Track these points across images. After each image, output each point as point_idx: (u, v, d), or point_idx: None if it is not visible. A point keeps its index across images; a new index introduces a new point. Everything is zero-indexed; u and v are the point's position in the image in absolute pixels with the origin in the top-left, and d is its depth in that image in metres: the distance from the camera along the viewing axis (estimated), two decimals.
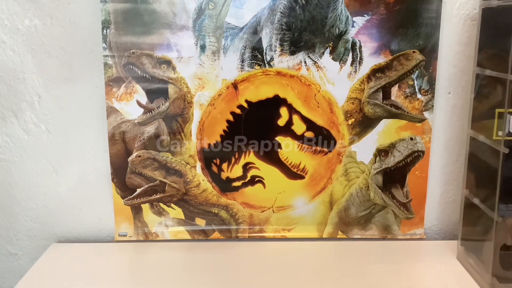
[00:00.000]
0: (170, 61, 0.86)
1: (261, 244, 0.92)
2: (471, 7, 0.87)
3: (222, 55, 0.86)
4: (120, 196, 0.91)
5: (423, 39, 0.87)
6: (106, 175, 0.90)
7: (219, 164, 0.90)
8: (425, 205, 0.94)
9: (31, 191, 0.92)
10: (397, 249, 0.89)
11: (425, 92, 0.89)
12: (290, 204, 0.92)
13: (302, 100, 0.88)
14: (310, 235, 0.93)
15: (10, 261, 0.95)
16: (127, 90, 0.87)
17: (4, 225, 0.93)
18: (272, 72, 0.87)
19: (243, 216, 0.92)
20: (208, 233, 0.93)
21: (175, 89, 0.87)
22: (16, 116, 0.89)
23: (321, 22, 0.85)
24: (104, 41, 0.85)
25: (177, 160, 0.89)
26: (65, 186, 0.92)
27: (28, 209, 0.92)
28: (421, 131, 0.90)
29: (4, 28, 0.85)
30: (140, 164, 0.89)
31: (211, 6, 0.84)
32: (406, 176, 0.92)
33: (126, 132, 0.88)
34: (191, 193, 0.91)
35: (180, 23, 0.85)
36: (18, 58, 0.86)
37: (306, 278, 0.80)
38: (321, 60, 0.87)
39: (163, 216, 0.92)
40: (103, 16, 0.84)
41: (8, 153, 0.90)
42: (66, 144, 0.90)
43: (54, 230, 0.93)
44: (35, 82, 0.87)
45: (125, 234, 0.92)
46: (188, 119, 0.88)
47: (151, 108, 0.88)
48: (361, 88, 0.88)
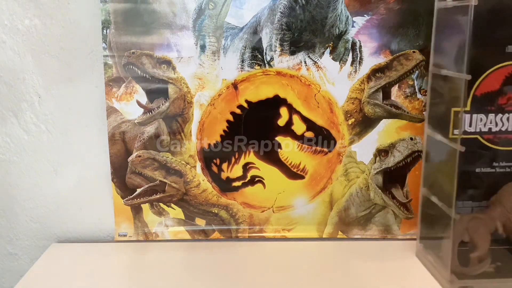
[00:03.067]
0: (170, 61, 0.86)
1: (261, 244, 0.92)
2: None
3: (222, 55, 0.86)
4: (120, 196, 0.91)
5: (423, 39, 0.87)
6: (106, 175, 0.90)
7: (219, 164, 0.90)
8: None
9: (31, 191, 0.92)
10: (397, 249, 0.89)
11: (425, 92, 0.89)
12: (290, 204, 0.92)
13: (302, 100, 0.88)
14: (310, 235, 0.93)
15: (10, 261, 0.95)
16: (127, 90, 0.87)
17: (4, 225, 0.93)
18: (272, 72, 0.87)
19: (243, 216, 0.92)
20: (208, 233, 0.93)
21: (175, 89, 0.87)
22: (16, 116, 0.89)
23: (321, 22, 0.85)
24: (104, 41, 0.85)
25: (177, 160, 0.89)
26: (65, 186, 0.92)
27: (28, 209, 0.92)
28: (421, 131, 0.90)
29: (4, 28, 0.85)
30: (140, 164, 0.89)
31: (211, 6, 0.84)
32: (406, 176, 0.92)
33: (126, 132, 0.88)
34: (191, 193, 0.91)
35: (180, 23, 0.85)
36: (18, 58, 0.86)
37: (306, 278, 0.80)
38: (321, 60, 0.87)
39: (163, 216, 0.92)
40: (103, 16, 0.84)
41: (8, 153, 0.90)
42: (66, 144, 0.90)
43: (54, 230, 0.93)
44: (35, 82, 0.87)
45: (125, 234, 0.92)
46: (188, 119, 0.88)
47: (151, 108, 0.88)
48: (361, 88, 0.88)
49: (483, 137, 0.81)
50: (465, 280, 0.75)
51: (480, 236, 0.76)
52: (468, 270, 0.76)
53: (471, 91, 0.79)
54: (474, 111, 0.80)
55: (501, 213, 0.77)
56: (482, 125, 0.80)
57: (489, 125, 0.81)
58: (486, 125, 0.80)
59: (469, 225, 0.75)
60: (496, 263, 0.78)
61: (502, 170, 0.82)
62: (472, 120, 0.80)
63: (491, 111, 0.80)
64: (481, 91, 0.79)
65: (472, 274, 0.76)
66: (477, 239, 0.76)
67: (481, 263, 0.76)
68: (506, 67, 0.79)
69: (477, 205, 0.83)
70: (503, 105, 0.80)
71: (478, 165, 0.82)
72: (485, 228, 0.76)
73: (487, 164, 0.82)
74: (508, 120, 0.81)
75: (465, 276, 0.76)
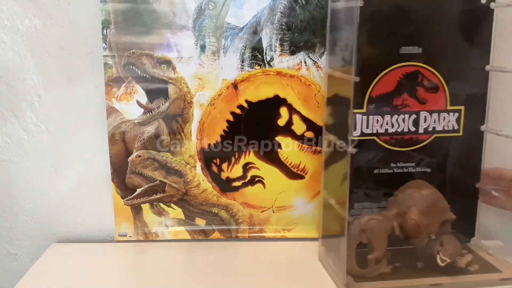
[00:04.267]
0: (170, 61, 0.86)
1: (261, 244, 0.92)
2: None
3: (222, 55, 0.86)
4: (120, 196, 0.91)
5: None
6: (106, 175, 0.90)
7: (219, 164, 0.90)
8: None
9: (31, 191, 0.92)
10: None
11: None
12: (290, 204, 0.92)
13: (302, 100, 0.88)
14: (310, 235, 0.93)
15: (10, 261, 0.95)
16: (127, 90, 0.87)
17: (4, 225, 0.93)
18: (272, 72, 0.87)
19: (243, 216, 0.92)
20: (208, 233, 0.93)
21: (175, 89, 0.87)
22: (16, 116, 0.89)
23: (321, 22, 0.85)
24: (104, 41, 0.85)
25: (177, 160, 0.89)
26: (65, 186, 0.92)
27: (28, 209, 0.92)
28: None
29: (4, 28, 0.85)
30: (140, 164, 0.89)
31: (211, 6, 0.84)
32: None
33: (126, 132, 0.88)
34: (191, 193, 0.91)
35: (180, 23, 0.85)
36: (18, 58, 0.86)
37: (306, 278, 0.80)
38: (321, 60, 0.87)
39: (163, 216, 0.92)
40: (103, 16, 0.84)
41: (8, 153, 0.90)
42: (66, 144, 0.90)
43: (54, 230, 0.93)
44: (35, 82, 0.87)
45: (125, 234, 0.92)
46: (188, 119, 0.88)
47: (151, 108, 0.88)
48: None
49: (380, 138, 0.81)
50: (362, 282, 0.75)
51: (376, 237, 0.76)
52: (365, 272, 0.76)
53: (367, 93, 0.79)
54: (370, 113, 0.80)
55: (397, 214, 0.77)
56: (379, 126, 0.81)
57: (385, 126, 0.81)
58: (382, 126, 0.81)
59: (366, 227, 0.75)
60: (394, 264, 0.78)
61: (399, 171, 0.83)
62: (368, 122, 0.80)
63: (387, 112, 0.81)
64: (377, 92, 0.80)
65: (369, 276, 0.76)
66: (374, 241, 0.76)
67: (378, 264, 0.76)
68: (400, 68, 0.79)
69: (377, 206, 0.83)
70: (398, 106, 0.81)
71: (376, 166, 0.82)
72: (382, 229, 0.76)
73: (385, 165, 0.83)
74: (404, 121, 0.81)
75: (362, 279, 0.75)
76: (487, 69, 0.81)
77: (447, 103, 0.82)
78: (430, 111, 0.81)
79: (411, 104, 0.81)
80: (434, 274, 0.76)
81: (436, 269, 0.76)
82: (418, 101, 0.81)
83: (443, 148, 0.83)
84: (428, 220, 0.76)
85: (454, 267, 0.77)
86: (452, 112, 0.82)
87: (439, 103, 0.81)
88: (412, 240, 0.78)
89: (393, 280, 0.75)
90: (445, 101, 0.82)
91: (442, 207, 0.77)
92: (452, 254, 0.76)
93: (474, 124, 0.83)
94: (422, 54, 0.79)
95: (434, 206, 0.77)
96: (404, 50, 0.78)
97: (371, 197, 0.83)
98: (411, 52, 0.78)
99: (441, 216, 0.77)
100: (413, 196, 0.77)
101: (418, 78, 0.80)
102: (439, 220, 0.77)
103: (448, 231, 0.78)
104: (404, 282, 0.75)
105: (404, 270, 0.78)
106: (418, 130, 0.82)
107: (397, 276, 0.76)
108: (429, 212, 0.76)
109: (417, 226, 0.76)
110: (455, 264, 0.77)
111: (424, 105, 0.81)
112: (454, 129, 0.83)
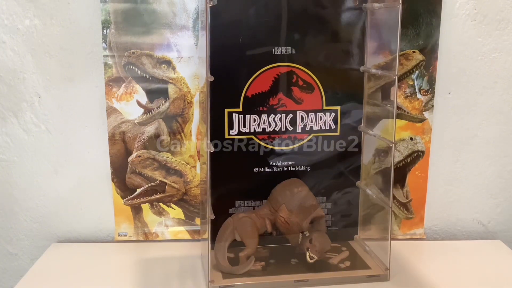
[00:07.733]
0: (170, 61, 0.86)
1: None
2: (471, 7, 0.87)
3: None
4: (120, 196, 0.91)
5: (423, 39, 0.87)
6: (106, 175, 0.90)
7: None
8: (425, 205, 0.94)
9: (31, 191, 0.92)
10: (397, 249, 0.89)
11: (425, 92, 0.89)
12: None
13: None
14: None
15: (10, 261, 0.95)
16: (127, 90, 0.87)
17: (4, 225, 0.93)
18: None
19: None
20: None
21: (175, 89, 0.87)
22: (16, 116, 0.89)
23: None
24: (104, 41, 0.85)
25: (177, 160, 0.89)
26: (65, 186, 0.92)
27: (28, 209, 0.92)
28: (421, 131, 0.90)
29: (4, 28, 0.85)
30: (140, 164, 0.89)
31: None
32: (406, 176, 0.92)
33: (126, 132, 0.88)
34: (191, 193, 0.91)
35: (180, 23, 0.85)
36: (18, 58, 0.86)
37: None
38: None
39: (163, 216, 0.92)
40: (103, 16, 0.84)
41: (8, 153, 0.90)
42: (66, 144, 0.90)
43: (54, 230, 0.93)
44: (35, 82, 0.87)
45: (125, 234, 0.92)
46: (188, 119, 0.88)
47: (151, 108, 0.88)
48: None
49: (257, 137, 0.83)
50: (229, 279, 0.75)
51: (248, 235, 0.78)
52: (234, 269, 0.77)
53: (242, 92, 0.81)
54: (247, 112, 0.81)
55: (269, 212, 0.79)
56: (256, 125, 0.82)
57: (262, 125, 0.82)
58: (260, 126, 0.82)
59: (238, 224, 0.77)
60: (270, 261, 0.80)
61: (279, 170, 0.84)
62: (246, 121, 0.82)
63: (264, 111, 0.82)
64: (252, 92, 0.81)
65: (238, 273, 0.76)
66: (246, 238, 0.78)
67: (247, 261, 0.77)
68: (274, 68, 0.81)
69: (258, 204, 0.84)
70: (275, 105, 0.82)
71: (255, 165, 0.84)
72: (253, 227, 0.78)
73: (264, 164, 0.84)
74: (280, 120, 0.83)
75: (231, 275, 0.76)
76: (361, 70, 0.83)
77: (323, 103, 0.83)
78: (306, 111, 0.83)
79: (287, 104, 0.82)
80: (304, 270, 0.78)
81: (307, 266, 0.78)
82: (294, 101, 0.83)
83: (322, 147, 0.85)
84: (298, 218, 0.78)
85: (325, 264, 0.79)
86: (329, 112, 0.84)
87: (315, 103, 0.83)
88: (287, 237, 0.80)
89: (261, 276, 0.76)
90: (321, 101, 0.83)
91: (311, 205, 0.79)
92: (319, 251, 0.77)
93: (351, 124, 0.85)
94: (296, 55, 0.80)
95: (303, 204, 0.79)
96: (277, 50, 0.80)
97: (252, 195, 0.84)
98: (284, 53, 0.80)
99: (311, 214, 0.78)
100: (283, 194, 0.79)
101: (293, 79, 0.82)
102: (309, 218, 0.78)
103: (322, 228, 0.80)
104: (271, 278, 0.76)
105: (276, 267, 0.79)
106: (296, 130, 0.83)
107: (267, 273, 0.78)
108: (299, 209, 0.78)
109: (287, 223, 0.78)
110: (328, 261, 0.79)
111: (301, 104, 0.83)
112: (332, 129, 0.84)
